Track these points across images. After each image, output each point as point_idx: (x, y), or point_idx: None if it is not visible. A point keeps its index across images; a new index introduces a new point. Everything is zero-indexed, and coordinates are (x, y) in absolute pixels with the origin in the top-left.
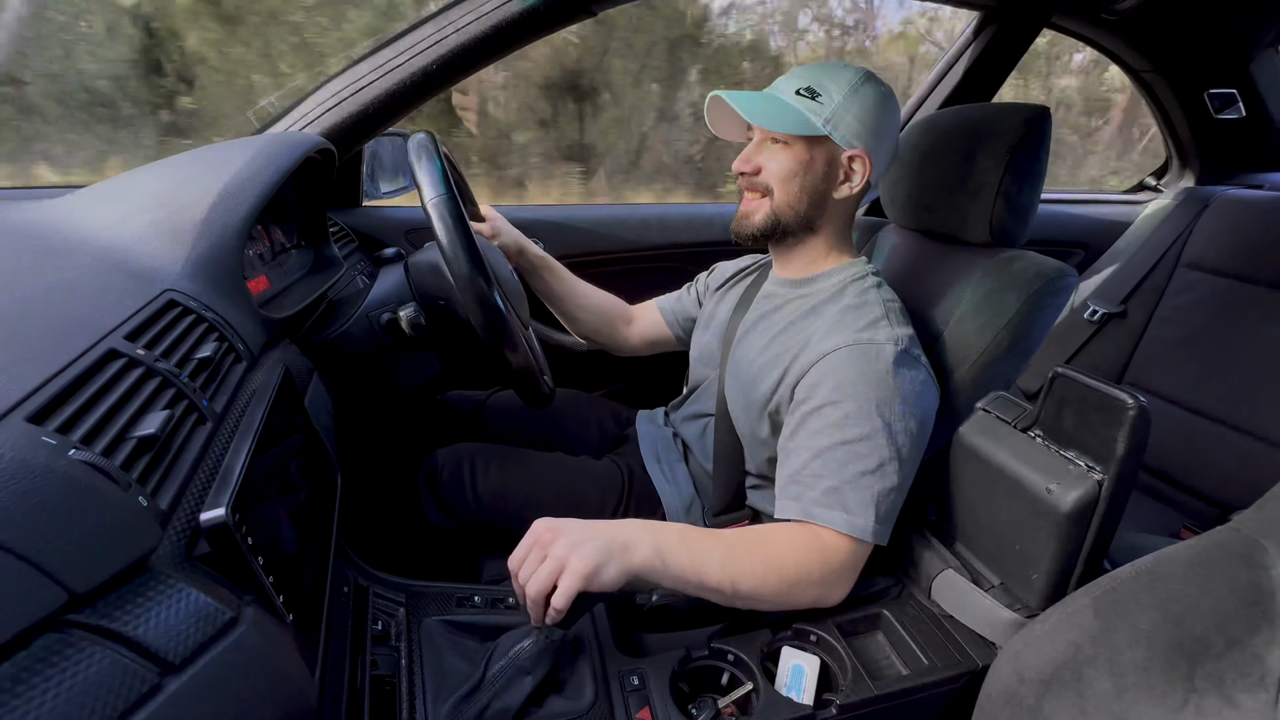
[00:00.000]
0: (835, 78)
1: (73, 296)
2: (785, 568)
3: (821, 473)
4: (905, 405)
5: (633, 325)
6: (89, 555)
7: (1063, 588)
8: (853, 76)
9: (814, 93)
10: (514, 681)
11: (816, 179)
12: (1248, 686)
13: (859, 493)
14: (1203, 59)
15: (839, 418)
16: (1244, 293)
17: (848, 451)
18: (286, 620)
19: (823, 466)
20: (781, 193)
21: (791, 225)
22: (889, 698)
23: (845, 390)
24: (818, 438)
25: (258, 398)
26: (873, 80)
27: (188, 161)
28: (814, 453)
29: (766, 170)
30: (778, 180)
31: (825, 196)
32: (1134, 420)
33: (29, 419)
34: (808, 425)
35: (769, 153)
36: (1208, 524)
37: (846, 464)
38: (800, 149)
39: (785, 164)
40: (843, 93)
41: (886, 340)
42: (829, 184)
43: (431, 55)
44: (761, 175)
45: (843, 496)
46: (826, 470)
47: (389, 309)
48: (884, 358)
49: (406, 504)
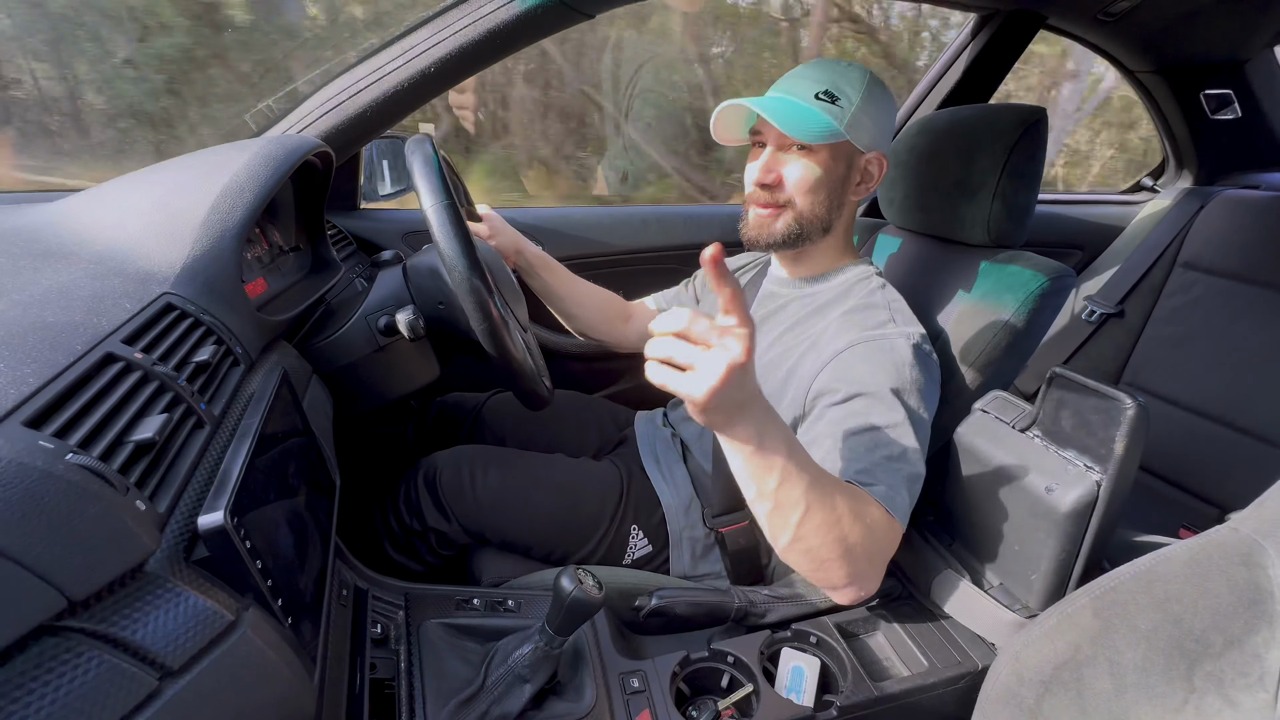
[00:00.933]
0: (849, 79)
1: (70, 300)
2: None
3: (850, 456)
4: (921, 397)
5: (630, 322)
6: (87, 560)
7: (1062, 588)
8: (862, 76)
9: (833, 96)
10: (512, 689)
11: (837, 184)
12: (1247, 686)
13: (889, 475)
14: (1198, 60)
15: (861, 407)
16: (1241, 292)
17: (872, 438)
18: (285, 624)
19: (850, 451)
20: (806, 202)
21: (812, 231)
22: (889, 699)
23: (866, 382)
24: (841, 425)
25: (256, 401)
26: (876, 79)
27: (185, 164)
28: (839, 439)
29: (789, 181)
30: (802, 191)
31: (843, 200)
32: (1132, 420)
33: (26, 423)
34: (829, 416)
35: (790, 161)
36: (1206, 524)
37: (874, 449)
38: (824, 155)
39: (809, 173)
40: (859, 94)
41: (899, 335)
42: (847, 187)
43: (429, 58)
44: (785, 189)
45: (875, 476)
46: (854, 455)
47: (387, 312)
48: (900, 350)
49: (405, 506)
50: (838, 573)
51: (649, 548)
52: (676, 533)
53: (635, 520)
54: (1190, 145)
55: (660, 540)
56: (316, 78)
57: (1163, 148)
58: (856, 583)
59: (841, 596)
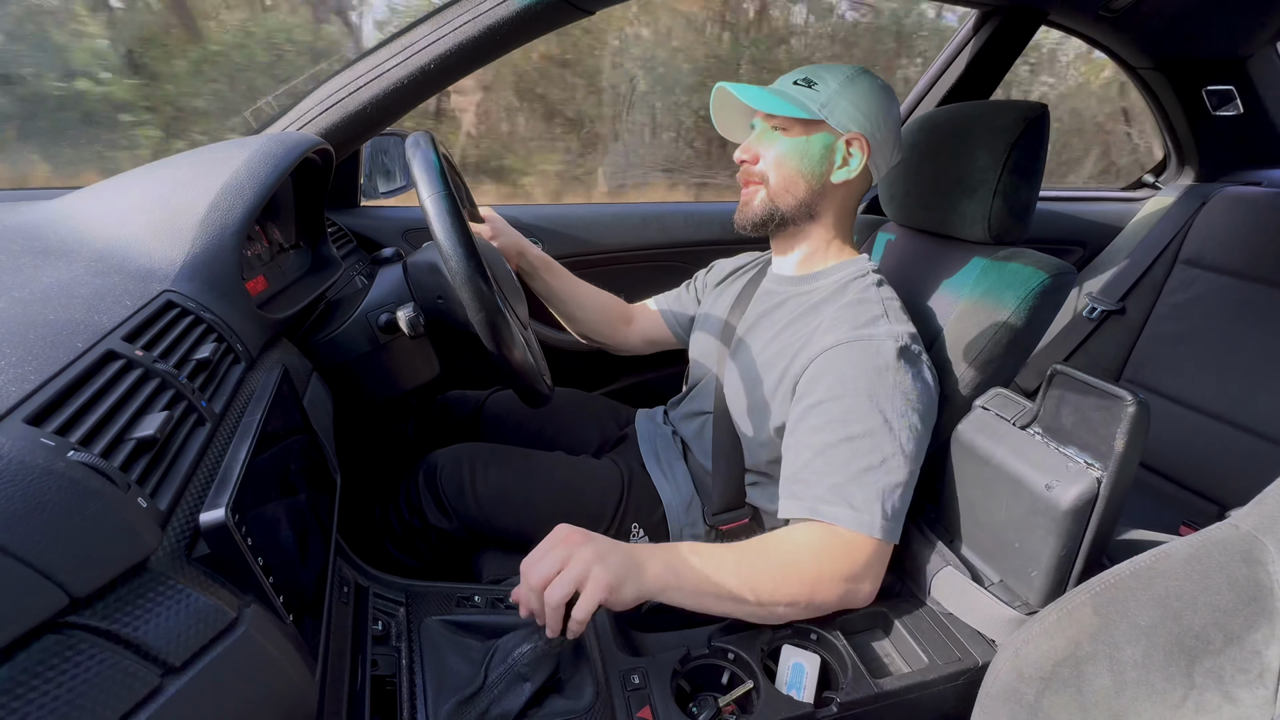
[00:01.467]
0: (831, 70)
1: (71, 298)
2: (803, 566)
3: (824, 470)
4: (906, 401)
5: (632, 325)
6: (88, 557)
7: (1062, 585)
8: (848, 70)
9: (810, 82)
10: (513, 688)
11: (813, 162)
12: (1247, 682)
13: (864, 489)
14: (1200, 56)
15: (839, 413)
16: (1242, 289)
17: (850, 448)
18: (286, 621)
19: (825, 464)
20: (777, 177)
21: (790, 212)
22: (889, 695)
23: (845, 385)
24: (818, 434)
25: (256, 398)
26: (868, 74)
27: (185, 162)
28: (815, 450)
29: (764, 158)
30: (773, 165)
31: (823, 181)
32: (1133, 417)
33: (28, 420)
34: (807, 421)
35: (767, 140)
36: (1206, 520)
37: (850, 460)
38: (797, 133)
39: (781, 149)
40: (838, 81)
41: (886, 336)
42: (826, 168)
43: (429, 55)
44: (759, 164)
45: (847, 493)
46: (829, 467)
47: (387, 309)
48: (884, 353)
49: (406, 504)
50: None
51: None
52: (677, 530)
53: (636, 518)
54: (1192, 142)
55: (661, 538)
56: (316, 75)
57: (1164, 144)
58: (853, 597)
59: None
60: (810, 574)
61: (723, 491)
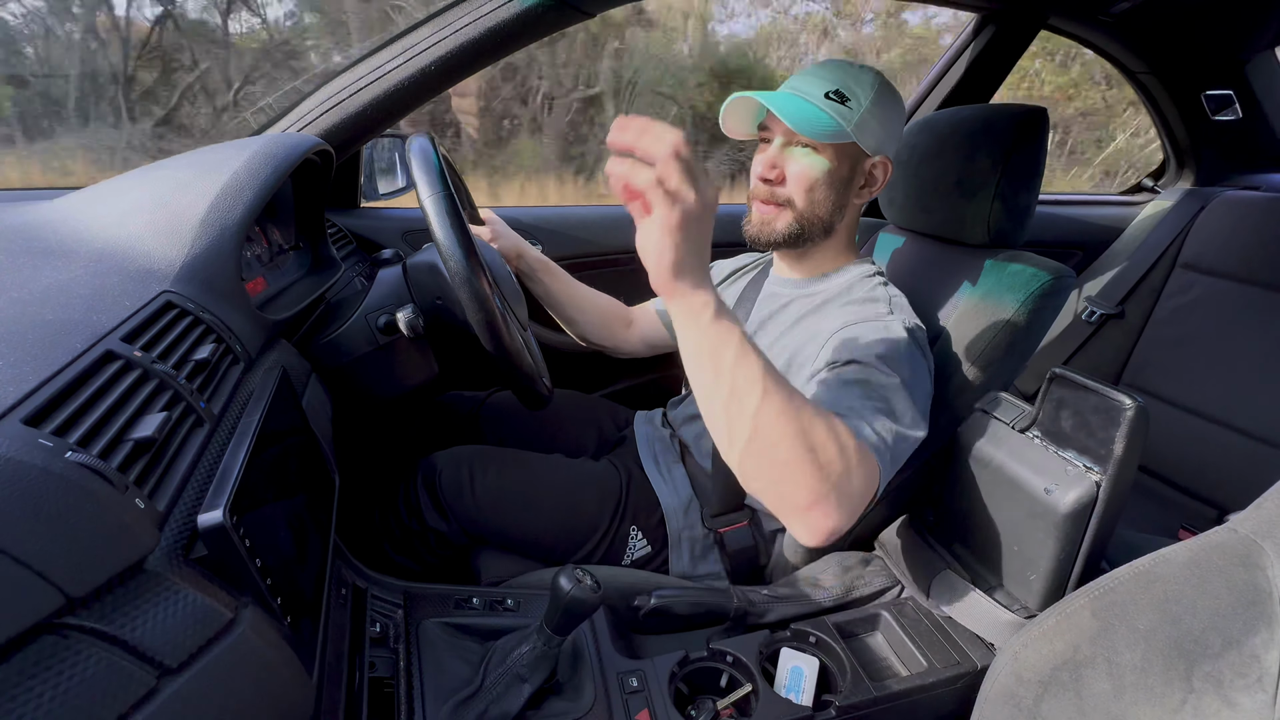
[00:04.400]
0: (860, 80)
1: (70, 298)
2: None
3: (837, 401)
4: (914, 374)
5: (632, 327)
6: (86, 558)
7: (1061, 588)
8: (874, 79)
9: (843, 96)
10: (511, 688)
11: (840, 185)
12: (1245, 686)
13: (875, 420)
14: (1199, 61)
15: (853, 370)
16: (1241, 293)
17: (863, 390)
18: (284, 622)
19: (837, 399)
20: (806, 202)
21: (814, 232)
22: (888, 699)
23: (859, 351)
24: (831, 381)
25: (255, 399)
26: (887, 83)
27: (185, 162)
28: (829, 388)
29: (791, 178)
30: (802, 189)
31: (846, 201)
32: (1132, 421)
33: (26, 421)
34: (819, 378)
35: (794, 158)
36: (1205, 524)
37: (865, 399)
38: (829, 155)
39: (812, 171)
40: (869, 97)
41: (896, 321)
42: (851, 190)
43: (429, 57)
44: (786, 185)
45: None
46: (842, 401)
47: (387, 310)
48: (895, 329)
49: (404, 506)
50: (801, 485)
51: (648, 548)
52: (675, 533)
53: (634, 520)
54: (1191, 146)
55: (659, 540)
56: (316, 76)
57: (1163, 148)
58: (821, 505)
59: (804, 527)
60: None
61: (722, 494)
